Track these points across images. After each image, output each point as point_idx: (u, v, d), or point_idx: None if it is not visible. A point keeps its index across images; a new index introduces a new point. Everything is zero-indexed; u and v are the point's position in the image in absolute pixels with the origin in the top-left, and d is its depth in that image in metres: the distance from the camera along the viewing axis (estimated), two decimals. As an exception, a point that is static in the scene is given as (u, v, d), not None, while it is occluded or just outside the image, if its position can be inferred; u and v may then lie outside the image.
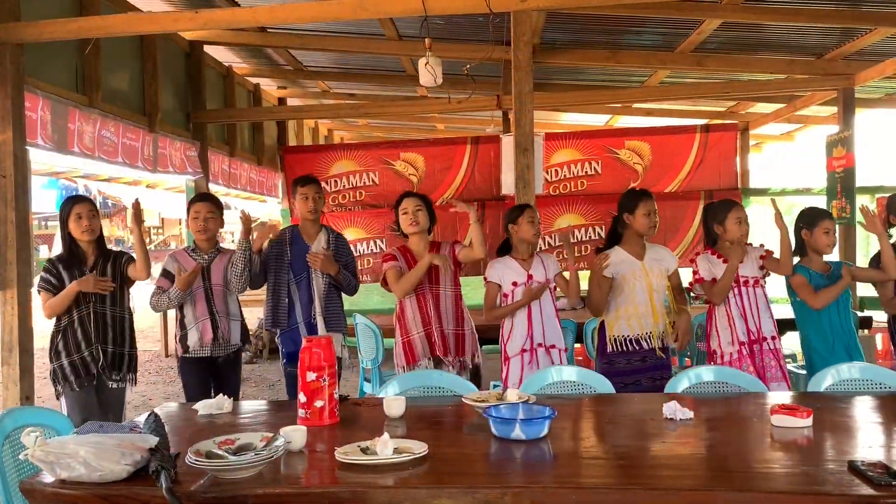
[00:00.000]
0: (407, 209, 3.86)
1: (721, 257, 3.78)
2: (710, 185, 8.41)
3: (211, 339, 3.96)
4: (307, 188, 4.12)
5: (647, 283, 3.76)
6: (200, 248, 4.08)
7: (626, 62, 6.94)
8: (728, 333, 3.74)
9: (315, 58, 8.34)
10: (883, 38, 6.03)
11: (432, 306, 3.86)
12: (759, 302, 3.75)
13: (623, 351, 3.75)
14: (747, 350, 3.70)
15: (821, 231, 3.70)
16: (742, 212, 3.78)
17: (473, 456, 2.21)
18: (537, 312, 3.86)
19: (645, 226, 3.76)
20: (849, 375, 2.98)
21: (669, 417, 2.49)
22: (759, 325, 3.72)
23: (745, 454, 2.18)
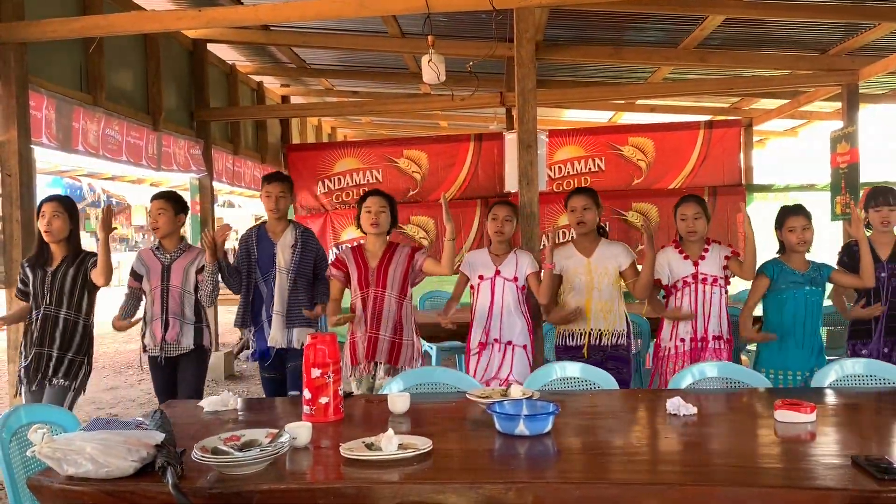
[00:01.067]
0: (370, 208, 3.78)
1: (682, 252, 3.80)
2: (714, 181, 8.41)
3: (160, 339, 3.96)
4: (271, 186, 4.12)
5: (588, 280, 3.80)
6: (163, 247, 4.07)
7: (630, 58, 6.94)
8: (670, 328, 3.78)
9: (318, 55, 8.35)
10: (887, 33, 6.02)
11: (376, 310, 3.75)
12: (714, 301, 3.75)
13: (571, 346, 3.85)
14: (686, 347, 3.73)
15: (786, 230, 3.68)
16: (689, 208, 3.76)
17: (477, 452, 2.22)
18: (498, 308, 3.85)
19: (571, 222, 3.86)
20: (852, 371, 2.98)
21: (673, 413, 2.50)
22: (706, 324, 3.73)
23: (748, 449, 2.19)
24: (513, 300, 3.90)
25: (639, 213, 8.60)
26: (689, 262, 3.79)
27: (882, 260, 3.79)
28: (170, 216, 4.02)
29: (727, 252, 3.81)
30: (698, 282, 3.78)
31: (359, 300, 3.81)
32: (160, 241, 4.08)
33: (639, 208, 8.62)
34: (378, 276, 3.79)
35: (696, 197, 3.86)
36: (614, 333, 3.90)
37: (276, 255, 4.09)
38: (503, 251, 3.95)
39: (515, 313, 3.91)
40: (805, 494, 1.81)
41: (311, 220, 8.80)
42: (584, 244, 3.93)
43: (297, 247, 4.10)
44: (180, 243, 4.11)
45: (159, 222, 4.01)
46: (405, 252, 3.84)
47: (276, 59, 8.47)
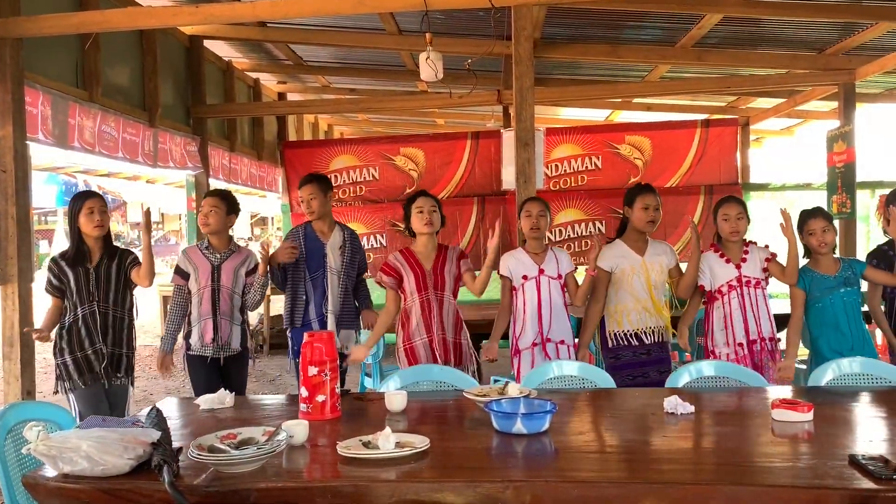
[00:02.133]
0: (423, 208, 3.75)
1: (724, 256, 3.76)
2: (711, 180, 8.40)
3: (211, 339, 3.96)
4: (302, 191, 4.14)
5: (647, 279, 3.77)
6: (213, 246, 4.06)
7: (627, 57, 6.94)
8: (724, 335, 3.71)
9: (315, 52, 8.33)
10: (884, 32, 6.02)
11: (436, 313, 3.76)
12: (759, 302, 3.73)
13: (623, 345, 3.76)
14: (744, 351, 3.69)
15: (806, 233, 3.67)
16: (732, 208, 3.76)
17: (475, 450, 2.22)
18: (547, 307, 3.83)
19: (642, 220, 3.77)
20: (849, 370, 2.98)
21: (670, 412, 2.50)
22: (759, 325, 3.69)
23: (745, 448, 2.19)
24: (559, 298, 3.86)
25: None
26: (731, 265, 3.74)
27: None
28: (221, 215, 4.03)
29: (767, 254, 3.78)
30: (742, 285, 3.73)
31: (416, 304, 3.76)
32: (209, 240, 4.08)
33: (636, 207, 8.63)
34: (435, 278, 3.77)
35: (737, 197, 3.86)
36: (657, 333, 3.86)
37: (327, 255, 4.12)
38: (540, 249, 3.90)
39: (562, 311, 3.89)
40: (805, 493, 1.81)
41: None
42: (638, 243, 3.85)
43: (347, 249, 4.14)
44: (230, 244, 4.12)
45: (210, 220, 4.01)
46: (456, 254, 3.86)
47: (272, 55, 8.44)
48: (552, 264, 3.87)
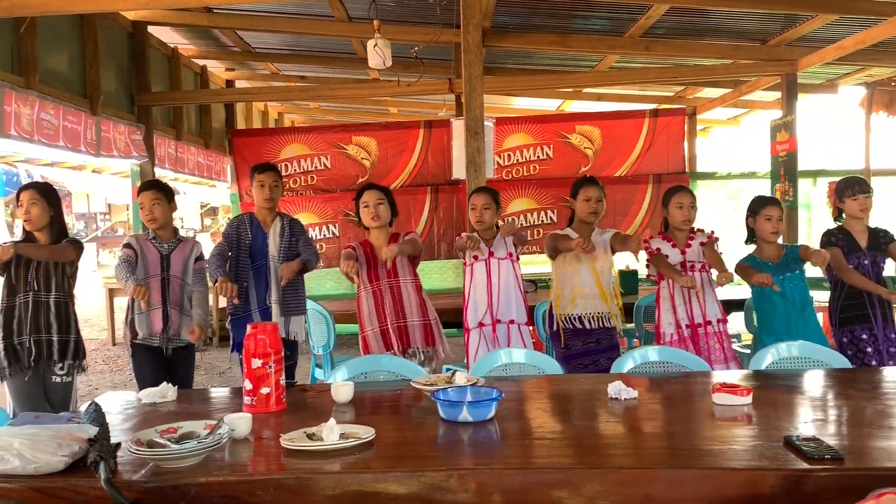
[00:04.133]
0: (368, 203, 3.81)
1: (670, 240, 3.85)
2: (659, 168, 8.56)
3: (160, 329, 3.88)
4: (264, 175, 4.07)
5: (592, 266, 3.83)
6: (160, 237, 3.98)
7: (576, 47, 6.99)
8: (670, 315, 3.82)
9: (264, 39, 8.20)
10: (823, 24, 6.17)
11: (391, 300, 3.80)
12: (705, 286, 3.83)
13: (571, 329, 3.81)
14: (688, 333, 3.78)
15: (762, 218, 3.77)
16: (686, 197, 3.83)
17: (421, 439, 2.21)
18: (496, 287, 3.89)
19: (584, 211, 3.84)
20: (788, 354, 3.07)
21: (614, 397, 2.53)
22: (703, 308, 3.79)
23: (686, 432, 2.23)
24: (511, 278, 3.93)
25: (586, 200, 8.70)
26: (677, 250, 3.85)
27: (862, 248, 3.88)
28: (164, 205, 3.95)
29: (704, 238, 3.89)
30: (686, 269, 3.83)
31: (368, 293, 3.82)
32: (154, 232, 3.97)
33: (586, 196, 8.72)
34: (388, 268, 3.82)
35: (688, 187, 3.96)
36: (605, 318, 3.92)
37: (269, 244, 4.07)
38: (489, 237, 3.98)
39: (514, 291, 3.97)
40: (741, 475, 1.85)
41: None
42: (584, 233, 3.90)
43: (286, 235, 4.09)
44: (175, 234, 4.05)
45: (155, 213, 3.91)
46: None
47: (220, 42, 8.28)
48: (501, 248, 3.94)
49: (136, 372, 3.99)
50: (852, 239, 3.86)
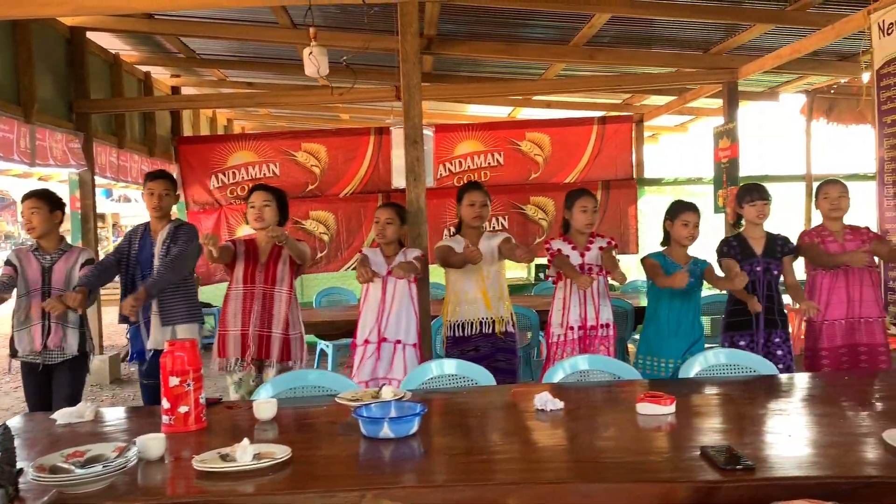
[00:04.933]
0: (254, 203, 3.75)
1: (570, 242, 3.90)
2: (608, 175, 8.64)
3: (40, 345, 3.75)
4: (154, 184, 3.98)
5: (478, 270, 3.88)
6: (42, 248, 3.86)
7: (523, 55, 7.02)
8: (560, 315, 3.87)
9: (209, 46, 8.06)
10: (761, 34, 6.30)
11: (259, 307, 3.73)
12: (600, 289, 3.88)
13: (462, 337, 3.87)
14: (575, 335, 3.83)
15: (679, 223, 3.82)
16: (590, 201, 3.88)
17: (340, 457, 2.17)
18: (389, 306, 3.84)
19: (469, 216, 3.91)
20: (716, 361, 3.10)
21: (540, 409, 2.52)
22: (597, 311, 3.85)
23: (607, 444, 2.23)
24: (405, 297, 3.89)
25: (536, 206, 8.79)
26: (577, 252, 3.90)
27: (757, 255, 3.94)
28: (44, 214, 3.80)
29: (603, 243, 3.94)
30: (584, 271, 3.88)
31: (239, 293, 3.74)
32: (37, 243, 3.85)
33: (536, 202, 8.80)
34: (267, 272, 3.75)
35: (587, 191, 3.99)
36: (502, 322, 3.95)
37: (155, 254, 3.96)
38: (392, 252, 3.95)
39: (407, 311, 3.91)
40: (655, 488, 1.86)
41: (204, 216, 8.53)
42: (473, 238, 3.95)
43: (167, 242, 3.97)
44: (60, 244, 3.91)
45: (33, 222, 3.78)
46: None
47: (164, 48, 8.11)
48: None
49: (24, 389, 3.88)
50: (748, 245, 3.92)
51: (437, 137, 8.63)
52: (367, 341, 3.85)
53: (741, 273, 3.61)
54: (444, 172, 8.72)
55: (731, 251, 3.95)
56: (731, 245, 3.99)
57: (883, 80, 4.73)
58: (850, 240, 3.93)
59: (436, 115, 11.11)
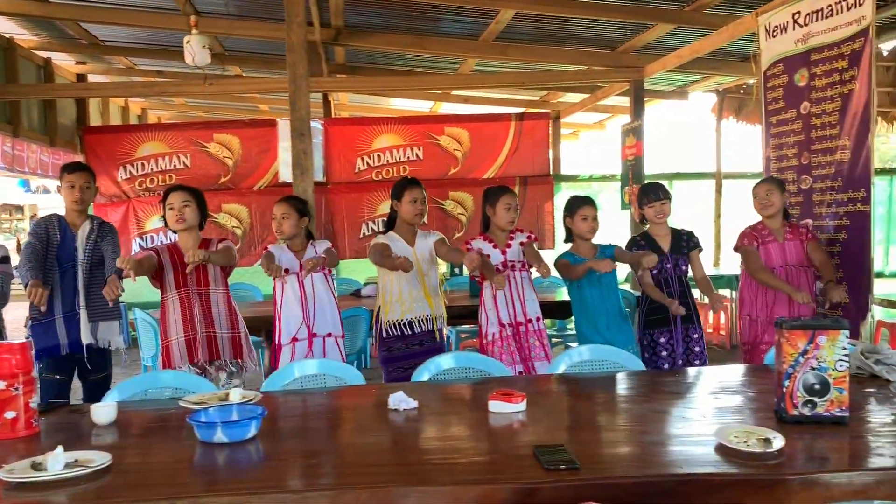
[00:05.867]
0: (173, 204, 3.64)
1: (492, 241, 3.89)
2: (525, 171, 8.69)
3: None
4: (74, 176, 3.85)
5: (418, 269, 3.81)
6: None
7: (434, 49, 6.98)
8: (494, 314, 3.86)
9: (115, 32, 7.75)
10: (664, 33, 6.41)
11: (200, 309, 3.64)
12: (525, 285, 3.89)
13: (398, 335, 3.78)
14: (508, 332, 3.83)
15: (579, 217, 3.87)
16: (513, 199, 3.88)
17: (167, 464, 2.09)
18: (311, 300, 3.81)
19: (410, 213, 3.81)
20: (579, 358, 3.11)
21: (394, 408, 2.49)
22: (524, 307, 3.86)
23: (446, 444, 2.21)
24: (324, 290, 3.85)
25: (455, 201, 8.78)
26: (498, 250, 3.90)
27: (665, 252, 4.00)
28: None
29: (523, 238, 3.94)
30: (508, 268, 3.88)
31: (176, 301, 3.61)
32: None
33: (455, 197, 8.79)
34: (198, 274, 3.64)
35: (510, 189, 4.00)
36: (435, 321, 3.92)
37: (77, 247, 3.84)
38: (299, 246, 3.88)
39: (329, 303, 3.89)
40: (471, 490, 1.83)
41: (111, 209, 8.25)
42: (408, 235, 3.91)
43: (93, 236, 3.87)
44: None
45: None
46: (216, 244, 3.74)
47: (65, 34, 7.77)
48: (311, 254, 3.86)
49: None
50: (655, 243, 4.00)
51: (355, 130, 8.54)
52: (296, 339, 3.82)
53: (649, 252, 3.68)
54: (363, 166, 8.63)
55: (640, 250, 4.01)
56: (638, 244, 4.06)
57: (769, 80, 4.87)
58: (790, 238, 4.03)
59: (357, 108, 10.99)
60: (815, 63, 4.39)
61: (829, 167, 4.30)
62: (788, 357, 2.27)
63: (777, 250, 3.97)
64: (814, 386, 2.25)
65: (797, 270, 3.96)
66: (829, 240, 4.31)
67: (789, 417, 2.27)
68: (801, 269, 3.96)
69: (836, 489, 1.85)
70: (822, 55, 4.33)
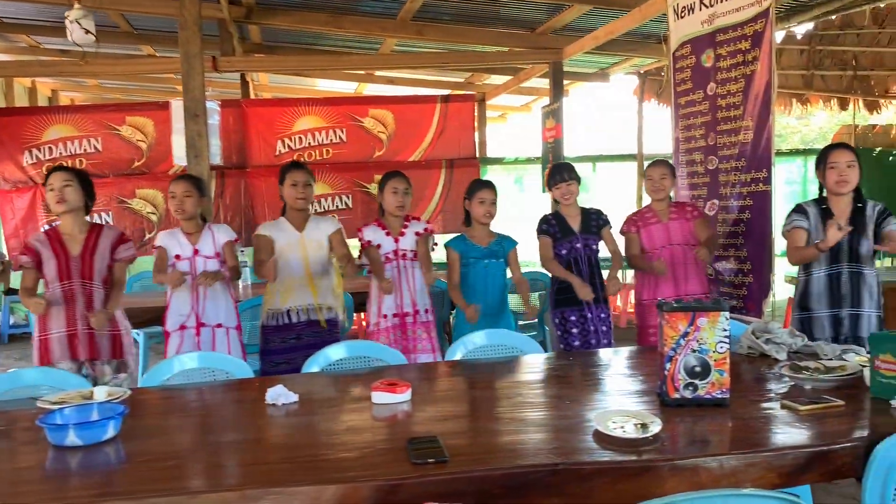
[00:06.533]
0: (53, 185, 3.40)
1: (384, 228, 3.79)
2: (451, 154, 8.60)
3: None
4: None
5: (304, 255, 3.67)
6: None
7: (349, 28, 6.79)
8: (377, 304, 3.76)
9: (16, 8, 7.30)
10: (580, 14, 6.37)
11: (82, 303, 3.40)
12: (416, 275, 3.80)
13: (275, 326, 3.65)
14: (392, 322, 3.75)
15: (476, 201, 3.79)
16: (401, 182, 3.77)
17: (10, 472, 1.93)
18: (203, 288, 3.63)
19: (292, 197, 3.67)
20: (473, 345, 3.04)
21: (272, 403, 2.37)
22: (413, 299, 3.77)
23: (321, 439, 2.11)
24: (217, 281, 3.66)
25: (381, 184, 8.62)
26: (391, 238, 3.79)
27: (576, 232, 3.96)
28: None
29: (420, 228, 3.84)
30: (399, 258, 3.78)
31: (58, 293, 3.37)
32: None
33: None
34: (83, 265, 3.40)
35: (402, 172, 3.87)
36: (325, 309, 3.76)
37: None
38: (194, 229, 3.69)
39: (223, 294, 3.71)
40: (331, 489, 1.73)
41: (16, 195, 7.87)
42: (298, 220, 3.74)
43: None
44: None
45: None
46: (114, 235, 3.53)
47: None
48: (208, 243, 3.68)
49: None
50: (565, 223, 3.96)
51: (275, 112, 8.33)
52: (184, 327, 3.65)
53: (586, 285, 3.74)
54: (284, 149, 8.43)
55: (550, 228, 3.98)
56: (549, 223, 4.00)
57: (678, 62, 4.88)
58: (675, 217, 4.02)
59: (279, 89, 10.71)
60: (720, 44, 4.40)
61: (734, 148, 4.33)
62: (669, 340, 2.25)
63: (660, 231, 3.99)
64: (695, 368, 2.23)
65: (682, 249, 3.98)
66: (735, 220, 4.36)
67: (671, 401, 2.25)
68: (688, 248, 3.98)
69: (706, 474, 1.83)
70: (726, 36, 4.35)
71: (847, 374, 2.47)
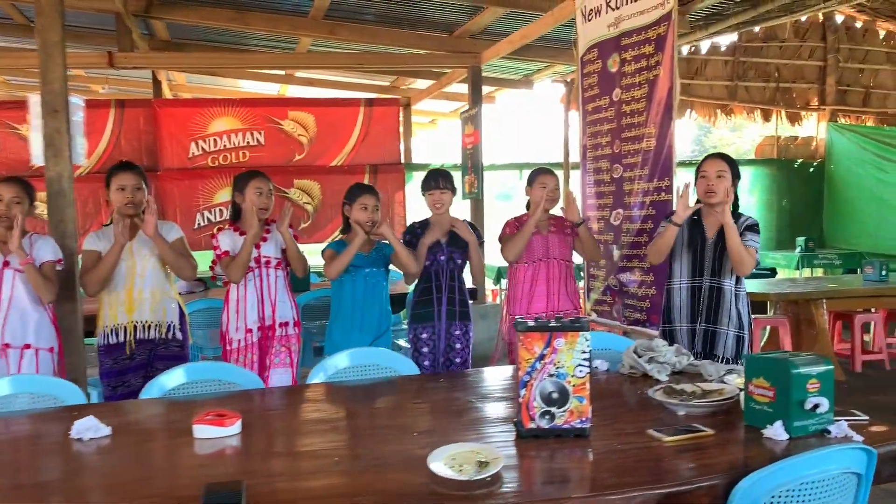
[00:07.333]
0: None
1: (242, 233, 3.48)
2: (376, 159, 8.33)
3: None
4: None
5: (132, 265, 3.34)
6: None
7: (255, 24, 6.48)
8: (236, 319, 3.47)
9: None
10: (497, 17, 6.20)
11: None
12: (280, 284, 3.53)
13: (110, 344, 3.32)
14: (255, 337, 3.47)
15: (357, 207, 3.53)
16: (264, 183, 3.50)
17: None
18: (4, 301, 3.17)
19: (118, 202, 3.30)
20: (335, 369, 2.76)
21: (78, 437, 2.05)
22: (274, 309, 3.49)
23: (114, 482, 1.81)
24: (25, 294, 3.22)
25: (301, 190, 8.34)
26: None
27: (442, 243, 3.73)
28: None
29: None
30: (261, 265, 3.48)
31: None
32: None
33: (301, 185, 8.36)
34: None
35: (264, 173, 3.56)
36: (164, 325, 3.43)
37: None
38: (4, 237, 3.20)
39: (34, 308, 3.24)
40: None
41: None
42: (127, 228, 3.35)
43: None
44: None
45: None
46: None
47: None
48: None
49: None
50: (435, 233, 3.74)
51: (188, 113, 7.96)
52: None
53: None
54: (198, 151, 8.08)
55: (414, 239, 3.72)
56: (415, 233, 3.76)
57: (585, 66, 4.72)
58: (554, 231, 3.83)
59: (196, 89, 10.28)
60: (625, 48, 4.26)
61: (637, 155, 4.18)
62: (524, 363, 2.02)
63: (540, 242, 3.79)
64: (552, 395, 2.01)
65: (559, 263, 3.81)
66: (638, 230, 4.20)
67: (525, 431, 2.02)
68: (564, 263, 3.83)
69: (541, 522, 1.60)
70: (631, 40, 4.20)
71: (723, 398, 2.27)
